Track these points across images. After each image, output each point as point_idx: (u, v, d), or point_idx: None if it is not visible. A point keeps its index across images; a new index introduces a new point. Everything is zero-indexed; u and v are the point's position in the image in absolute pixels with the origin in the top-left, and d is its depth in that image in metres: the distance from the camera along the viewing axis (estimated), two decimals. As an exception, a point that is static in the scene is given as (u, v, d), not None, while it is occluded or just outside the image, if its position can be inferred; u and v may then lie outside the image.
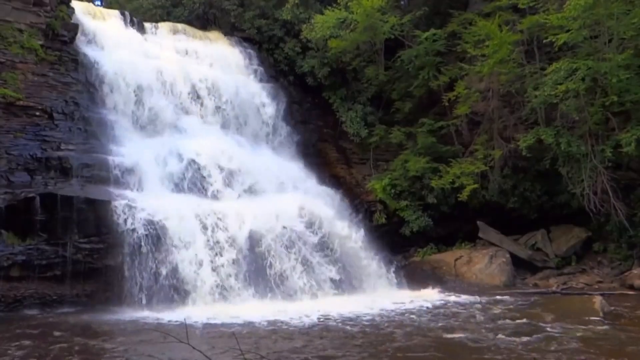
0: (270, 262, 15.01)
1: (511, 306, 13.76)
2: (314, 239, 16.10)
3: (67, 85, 15.91)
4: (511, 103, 18.84)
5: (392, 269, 17.57)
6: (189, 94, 18.40)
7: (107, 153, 15.82)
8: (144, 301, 13.70)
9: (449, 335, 10.76)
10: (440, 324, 11.81)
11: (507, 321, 11.93)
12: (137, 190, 15.45)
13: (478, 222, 19.51)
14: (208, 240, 14.64)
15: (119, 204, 14.30)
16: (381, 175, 20.27)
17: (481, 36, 17.96)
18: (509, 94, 18.52)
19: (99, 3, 29.50)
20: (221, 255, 14.56)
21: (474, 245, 19.59)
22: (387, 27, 19.83)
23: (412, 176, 19.32)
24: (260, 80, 20.87)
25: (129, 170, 15.65)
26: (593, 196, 16.39)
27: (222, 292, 14.10)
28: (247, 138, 19.23)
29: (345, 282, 16.03)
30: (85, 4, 21.05)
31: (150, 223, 14.27)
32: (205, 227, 14.83)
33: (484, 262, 18.12)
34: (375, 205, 20.34)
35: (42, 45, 15.23)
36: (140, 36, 19.42)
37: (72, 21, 16.66)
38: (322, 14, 20.32)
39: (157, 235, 14.19)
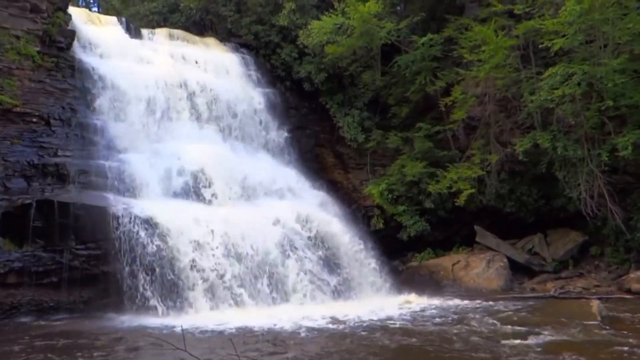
0: (268, 268, 15.00)
1: (509, 311, 13.76)
2: (311, 245, 16.11)
3: (64, 92, 15.90)
4: (507, 107, 18.90)
5: (390, 274, 17.58)
6: (185, 99, 18.40)
7: (104, 159, 15.80)
8: (141, 308, 13.63)
9: (447, 340, 10.75)
10: (437, 329, 11.80)
11: (505, 326, 11.92)
12: (134, 196, 15.42)
13: (475, 227, 19.54)
14: (206, 246, 14.60)
15: (116, 210, 14.26)
16: (378, 180, 20.29)
17: (477, 41, 18.03)
18: (505, 98, 18.58)
19: (96, 9, 29.64)
20: (219, 261, 14.53)
21: (471, 249, 19.63)
22: (383, 33, 19.89)
23: (409, 181, 19.35)
24: (257, 86, 20.89)
25: (126, 176, 15.63)
26: (590, 200, 16.44)
27: (221, 298, 14.06)
28: (244, 143, 19.22)
29: (343, 288, 16.02)
30: (83, 10, 21.12)
31: (147, 229, 14.22)
32: (203, 233, 14.80)
33: (482, 267, 18.14)
34: (372, 210, 20.37)
35: (38, 52, 15.22)
36: (137, 42, 19.43)
37: (69, 27, 16.66)
38: (319, 19, 20.37)
39: (154, 241, 14.15)
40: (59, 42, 15.97)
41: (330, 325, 12.32)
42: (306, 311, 13.61)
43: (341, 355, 9.90)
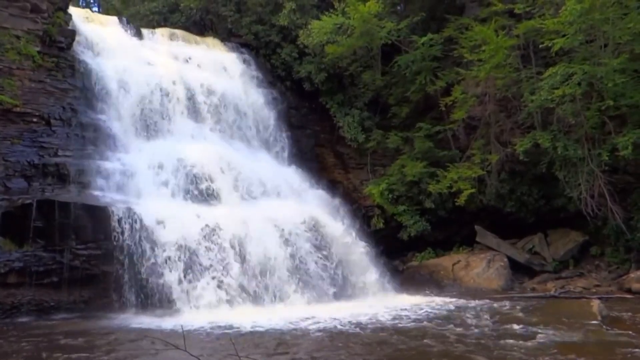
0: (269, 268, 14.99)
1: (509, 310, 13.76)
2: (312, 244, 16.10)
3: (65, 92, 15.90)
4: (508, 107, 18.91)
5: (390, 274, 17.58)
6: (186, 99, 18.40)
7: (105, 159, 15.80)
8: (141, 308, 13.65)
9: (447, 340, 10.75)
10: (437, 329, 11.79)
11: (505, 325, 11.92)
12: (135, 196, 15.42)
13: (476, 227, 19.55)
14: (206, 246, 14.60)
15: (116, 210, 14.26)
16: (378, 180, 20.30)
17: (477, 41, 18.04)
18: (505, 98, 18.59)
19: (96, 9, 29.64)
20: (219, 261, 14.53)
21: (471, 249, 19.63)
22: (383, 33, 19.90)
23: (410, 181, 19.36)
24: (258, 86, 20.89)
25: (127, 176, 15.63)
26: (590, 200, 16.44)
27: (221, 298, 14.06)
28: (245, 143, 19.23)
29: (343, 288, 16.02)
30: (83, 10, 21.12)
31: (147, 229, 14.22)
32: (203, 233, 14.80)
33: (482, 267, 18.14)
34: (372, 210, 20.38)
35: (39, 52, 15.21)
36: (137, 42, 19.44)
37: (70, 27, 16.66)
38: (319, 19, 20.38)
39: (154, 241, 14.15)
40: (59, 42, 15.96)
41: (331, 326, 12.30)
42: (307, 312, 13.60)
43: (343, 356, 9.90)
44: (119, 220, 14.09)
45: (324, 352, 10.12)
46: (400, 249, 20.28)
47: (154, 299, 13.78)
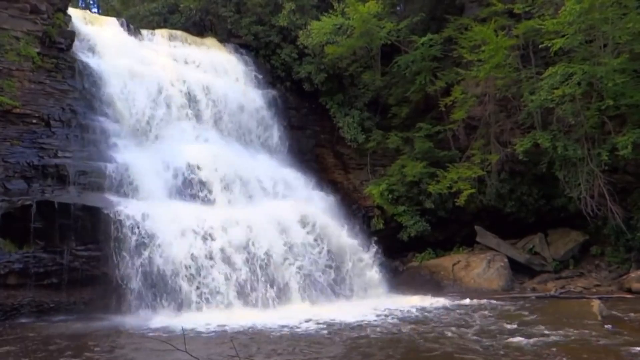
0: (269, 269, 14.99)
1: (509, 310, 13.76)
2: (312, 245, 16.10)
3: (64, 93, 15.89)
4: (507, 107, 18.91)
5: (391, 275, 17.58)
6: (185, 100, 18.39)
7: (104, 160, 15.78)
8: (141, 309, 13.64)
9: (448, 340, 10.75)
10: (438, 329, 11.80)
11: (506, 325, 11.92)
12: (134, 197, 15.40)
13: (476, 227, 19.54)
14: (205, 247, 14.60)
15: (116, 211, 14.26)
16: (378, 180, 20.30)
17: (477, 41, 18.04)
18: (505, 98, 18.60)
19: (95, 10, 29.65)
20: (220, 262, 14.52)
21: (471, 249, 19.63)
22: (383, 33, 19.91)
23: (410, 181, 19.36)
24: (257, 87, 20.88)
25: (126, 177, 15.61)
26: (590, 200, 16.45)
27: (222, 300, 14.06)
28: (244, 144, 19.22)
29: (344, 289, 16.02)
30: (82, 11, 21.12)
31: (147, 230, 14.22)
32: (202, 234, 14.79)
33: (482, 267, 18.14)
34: (372, 211, 20.37)
35: (38, 53, 15.21)
36: (137, 43, 19.42)
37: (69, 28, 16.65)
38: (319, 20, 20.39)
39: (154, 242, 14.14)
40: (58, 43, 15.95)
41: (332, 327, 12.31)
42: (309, 313, 13.59)
43: (343, 356, 9.90)
44: (119, 222, 14.09)
45: (325, 352, 10.12)
46: (400, 250, 20.27)
47: (154, 300, 13.77)
